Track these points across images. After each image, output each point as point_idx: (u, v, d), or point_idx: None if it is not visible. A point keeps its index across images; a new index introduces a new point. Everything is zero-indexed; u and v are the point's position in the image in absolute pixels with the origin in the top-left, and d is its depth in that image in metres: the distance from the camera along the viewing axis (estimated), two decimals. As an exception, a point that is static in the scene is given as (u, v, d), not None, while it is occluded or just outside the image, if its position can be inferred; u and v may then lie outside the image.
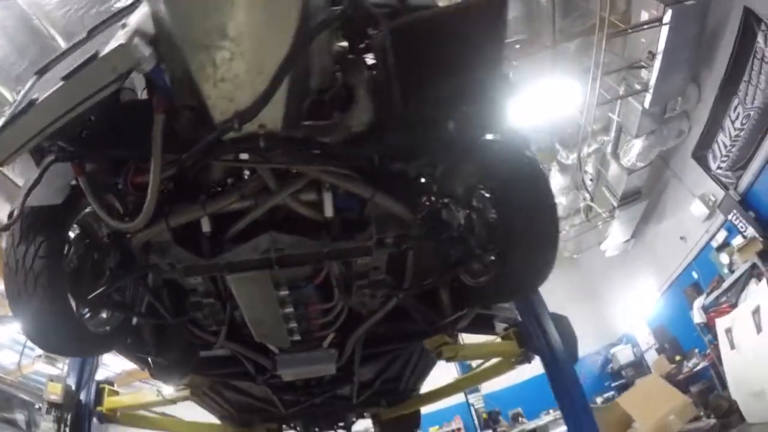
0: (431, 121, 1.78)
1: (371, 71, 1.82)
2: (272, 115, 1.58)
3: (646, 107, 8.54)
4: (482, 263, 2.39)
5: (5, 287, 1.96)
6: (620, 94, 8.94)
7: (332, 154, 1.81)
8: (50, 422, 4.22)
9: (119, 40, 1.36)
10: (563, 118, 9.80)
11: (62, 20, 5.07)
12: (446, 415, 15.48)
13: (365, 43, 1.76)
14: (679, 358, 12.19)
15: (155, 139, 1.57)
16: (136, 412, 4.51)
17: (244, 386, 3.67)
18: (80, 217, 2.00)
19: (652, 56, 7.84)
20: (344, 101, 1.79)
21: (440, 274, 2.63)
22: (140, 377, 10.59)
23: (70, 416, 4.09)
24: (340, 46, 1.87)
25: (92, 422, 4.16)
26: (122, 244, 2.07)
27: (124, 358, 3.02)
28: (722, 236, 10.01)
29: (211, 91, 1.51)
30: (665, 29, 7.34)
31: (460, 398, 13.94)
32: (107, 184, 1.86)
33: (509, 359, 4.45)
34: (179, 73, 1.54)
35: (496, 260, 2.28)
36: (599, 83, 8.74)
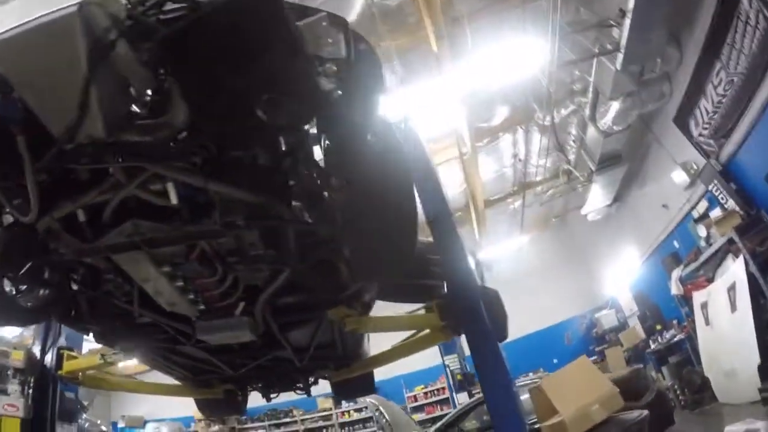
0: (238, 112, 1.95)
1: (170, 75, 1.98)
2: (94, 125, 1.79)
3: (618, 68, 7.94)
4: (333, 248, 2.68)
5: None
6: (592, 53, 8.33)
7: (156, 150, 2.03)
8: (16, 385, 5.28)
9: None
10: (538, 78, 9.26)
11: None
12: (431, 375, 15.96)
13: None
14: (659, 327, 11.95)
15: (23, 152, 1.94)
16: (100, 375, 4.83)
17: (187, 351, 3.73)
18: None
19: (622, 14, 7.19)
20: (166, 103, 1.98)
21: (314, 251, 2.77)
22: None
23: (33, 380, 4.80)
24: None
25: (58, 386, 4.70)
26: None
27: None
28: (704, 207, 9.56)
29: (47, 114, 1.80)
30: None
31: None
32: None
33: (437, 332, 4.25)
34: (22, 103, 1.83)
35: (347, 244, 2.56)
36: (570, 42, 8.19)
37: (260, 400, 5.57)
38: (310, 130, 2.34)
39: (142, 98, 1.99)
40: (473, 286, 3.96)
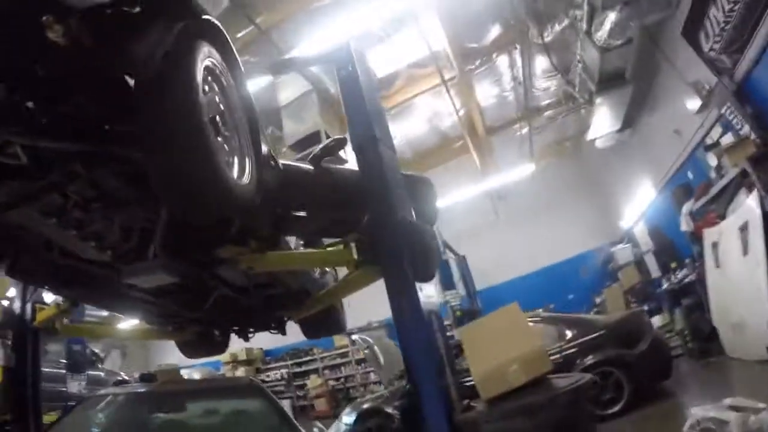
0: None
1: None
2: None
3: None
4: None
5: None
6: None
7: None
8: (-1, 338, 6.40)
9: None
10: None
11: None
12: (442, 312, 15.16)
13: None
14: (674, 265, 10.94)
15: None
16: (78, 325, 5.59)
17: (140, 296, 3.76)
18: None
19: None
20: None
21: None
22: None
23: (12, 333, 5.17)
24: None
25: (38, 337, 5.10)
26: None
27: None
28: (717, 133, 8.33)
29: None
30: None
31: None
32: None
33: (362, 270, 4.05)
34: None
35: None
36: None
37: (282, 340, 6.17)
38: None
39: None
40: (394, 220, 3.70)
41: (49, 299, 5.12)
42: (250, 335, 5.52)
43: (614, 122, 11.47)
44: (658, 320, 11.13)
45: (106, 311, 4.73)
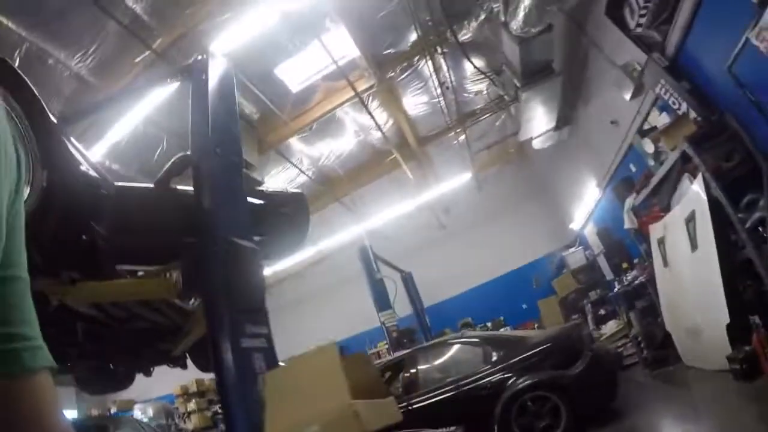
0: None
1: None
2: None
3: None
4: None
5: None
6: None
7: None
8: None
9: None
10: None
11: None
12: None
13: None
14: (626, 266, 10.13)
15: None
16: None
17: None
18: None
19: None
20: None
21: None
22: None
23: None
24: None
25: None
26: None
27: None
28: (656, 118, 7.55)
29: None
30: None
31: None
32: None
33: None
34: None
35: None
36: None
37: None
38: None
39: None
40: (213, 242, 3.40)
41: None
42: (151, 369, 5.47)
43: (548, 119, 10.66)
44: (613, 325, 10.33)
45: None
